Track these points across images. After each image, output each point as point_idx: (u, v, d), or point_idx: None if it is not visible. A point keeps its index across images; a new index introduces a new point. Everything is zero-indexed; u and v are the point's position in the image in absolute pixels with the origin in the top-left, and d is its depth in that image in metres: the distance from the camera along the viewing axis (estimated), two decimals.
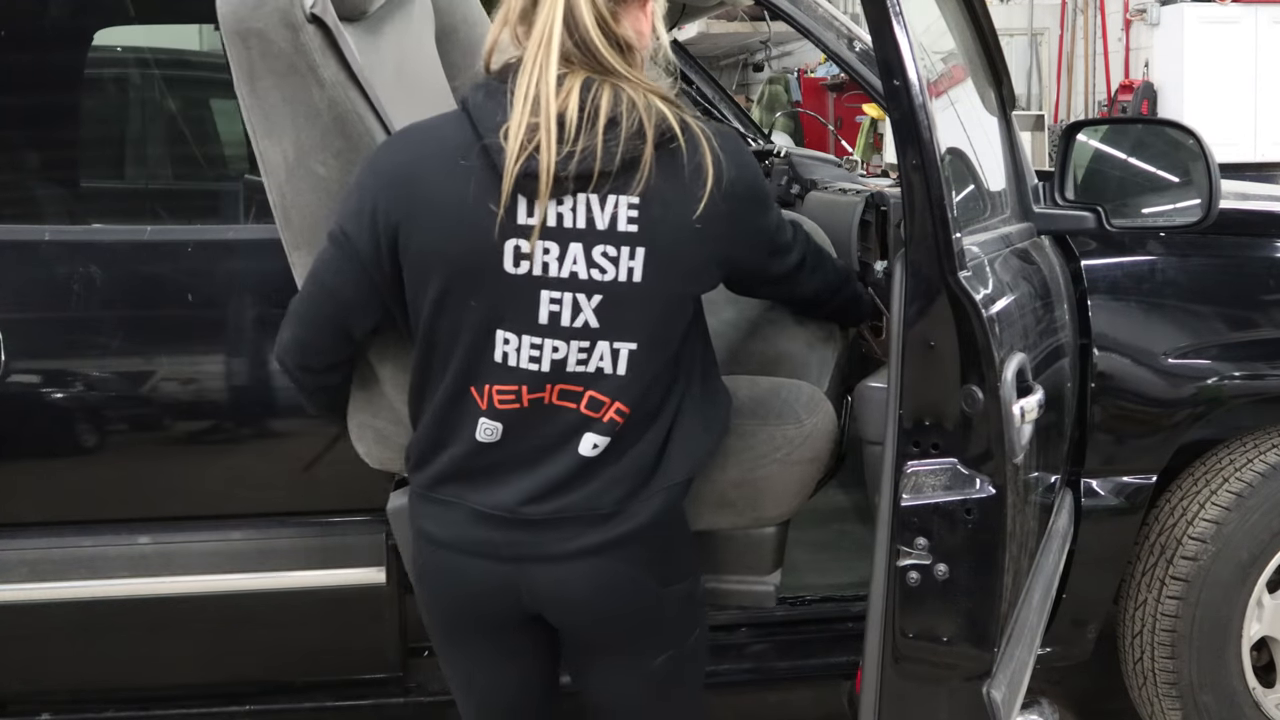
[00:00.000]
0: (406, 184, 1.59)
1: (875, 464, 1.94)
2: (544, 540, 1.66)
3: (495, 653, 1.78)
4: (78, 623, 2.29)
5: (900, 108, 1.73)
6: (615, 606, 1.71)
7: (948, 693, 1.90)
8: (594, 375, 1.62)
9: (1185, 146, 2.42)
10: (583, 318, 1.59)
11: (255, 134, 1.80)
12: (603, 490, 1.66)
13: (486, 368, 1.62)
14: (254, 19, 1.73)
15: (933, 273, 1.75)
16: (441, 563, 1.72)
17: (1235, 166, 7.93)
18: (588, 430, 1.64)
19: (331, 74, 1.76)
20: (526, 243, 1.55)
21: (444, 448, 1.68)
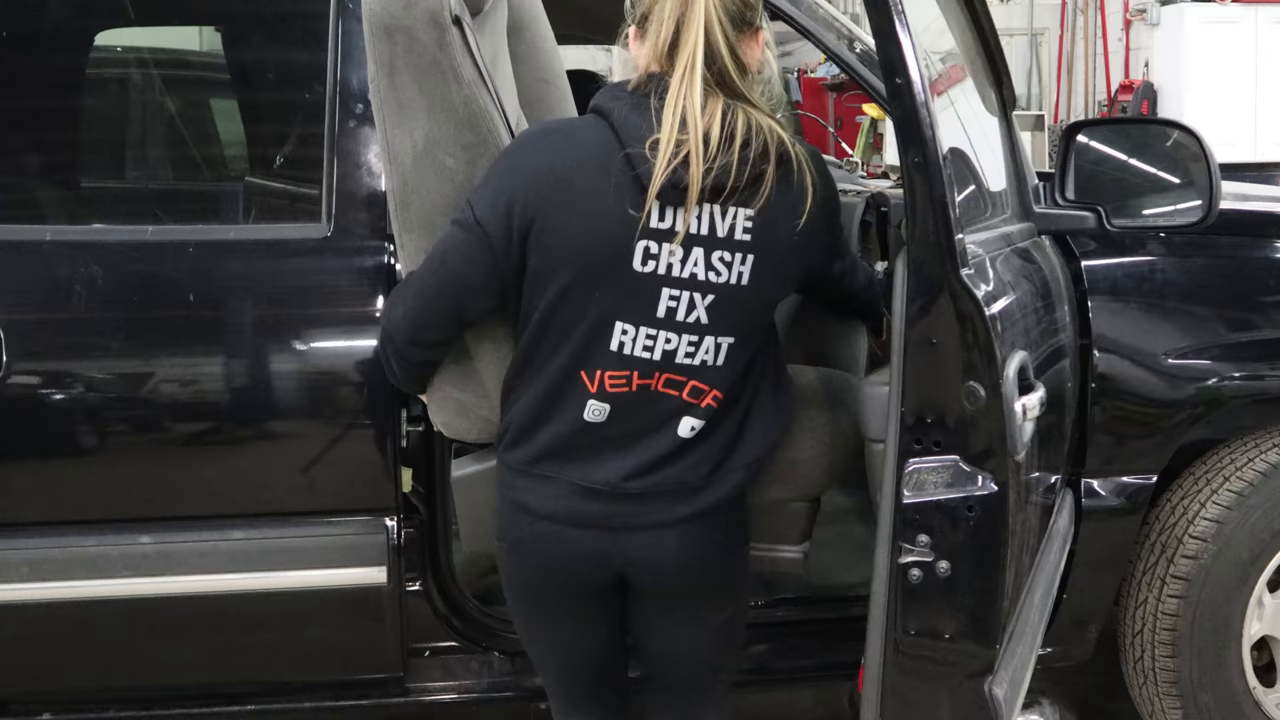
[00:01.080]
0: (549, 181, 1.73)
1: (877, 461, 1.95)
2: (641, 511, 1.84)
3: (580, 615, 1.95)
4: (79, 622, 2.29)
5: (903, 106, 1.74)
6: (698, 567, 1.90)
7: (949, 690, 1.90)
8: (699, 367, 1.79)
9: (1186, 147, 2.43)
10: (696, 314, 1.76)
11: (385, 123, 1.91)
12: (692, 466, 1.84)
13: (601, 354, 1.77)
14: (404, 17, 1.85)
15: (935, 270, 1.75)
16: (541, 533, 1.86)
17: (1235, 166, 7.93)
18: (687, 415, 1.82)
19: (469, 73, 1.89)
20: (656, 244, 1.72)
21: (546, 425, 1.83)
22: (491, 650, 2.51)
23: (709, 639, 2.00)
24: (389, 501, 2.30)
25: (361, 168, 2.32)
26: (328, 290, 2.33)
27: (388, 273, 2.29)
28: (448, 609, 2.46)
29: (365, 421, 2.28)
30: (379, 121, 1.94)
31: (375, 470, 2.28)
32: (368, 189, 2.31)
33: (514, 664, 2.53)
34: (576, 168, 1.73)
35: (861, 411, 2.04)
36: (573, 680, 2.04)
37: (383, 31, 1.87)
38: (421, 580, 2.42)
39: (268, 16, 2.53)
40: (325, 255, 2.32)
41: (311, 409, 2.31)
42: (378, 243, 2.30)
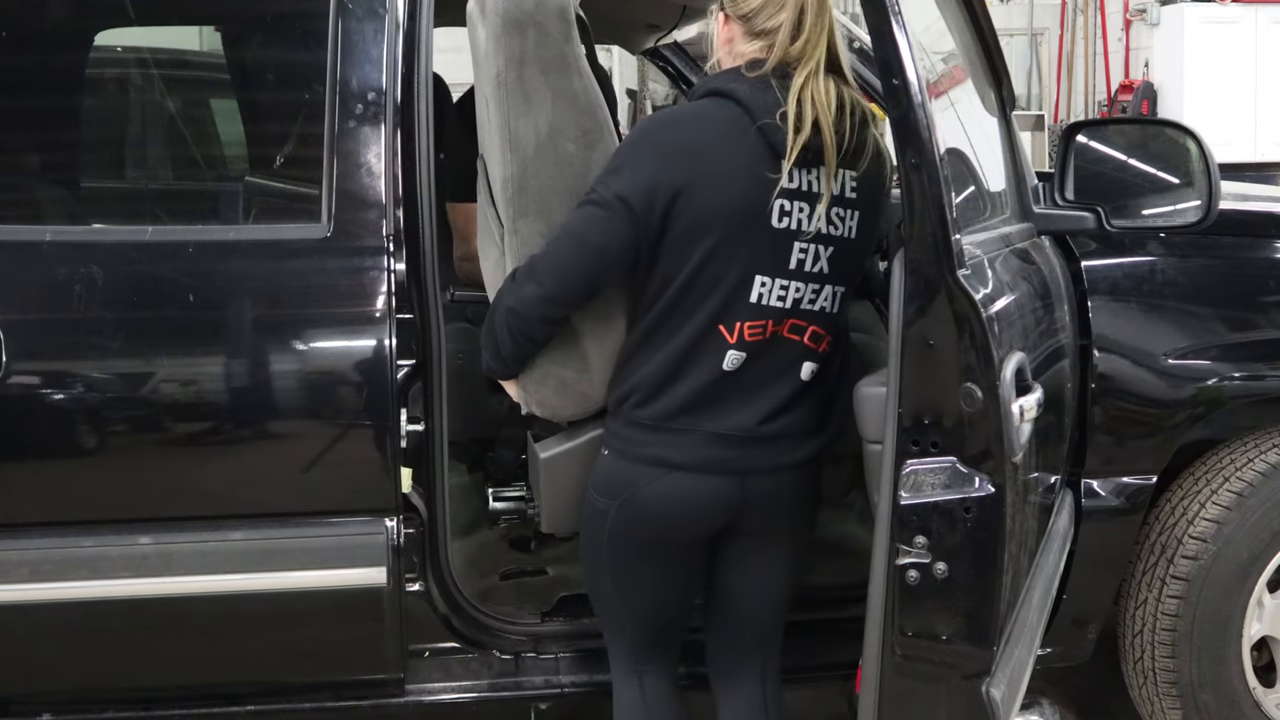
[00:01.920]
0: (689, 155, 1.94)
1: (874, 463, 1.95)
2: (769, 454, 2.03)
3: (678, 564, 2.12)
4: (79, 623, 2.29)
5: (899, 107, 1.74)
6: (804, 505, 2.14)
7: (947, 691, 1.90)
8: (818, 313, 2.01)
9: (1185, 147, 2.43)
10: (820, 265, 1.99)
11: (509, 113, 2.05)
12: (811, 410, 2.06)
13: (741, 307, 1.97)
14: (537, 13, 2.03)
15: (932, 272, 1.75)
16: (674, 484, 2.02)
17: (1235, 166, 7.94)
18: (808, 359, 2.03)
19: (585, 66, 2.08)
20: (789, 202, 1.94)
21: (683, 380, 1.99)
22: (491, 650, 2.52)
23: (787, 578, 2.19)
24: (389, 502, 2.29)
25: (361, 168, 2.32)
26: (327, 290, 2.33)
27: (388, 273, 2.29)
28: (448, 609, 2.46)
29: (365, 422, 2.28)
30: (501, 112, 2.06)
31: (375, 471, 2.28)
32: (368, 189, 2.31)
33: (514, 664, 2.53)
34: (712, 142, 1.94)
35: (859, 412, 2.04)
36: (648, 631, 2.19)
37: (514, 26, 2.03)
38: (421, 581, 2.42)
39: (268, 16, 2.53)
40: (325, 255, 2.31)
41: (311, 410, 2.31)
42: (377, 243, 2.30)
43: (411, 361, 2.32)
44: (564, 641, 2.55)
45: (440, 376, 2.35)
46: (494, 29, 2.05)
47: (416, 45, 2.37)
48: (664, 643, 2.22)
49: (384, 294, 2.28)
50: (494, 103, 2.08)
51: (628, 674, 2.22)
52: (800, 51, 1.93)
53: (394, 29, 2.35)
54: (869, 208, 2.02)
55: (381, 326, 2.27)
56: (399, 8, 2.36)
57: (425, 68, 2.38)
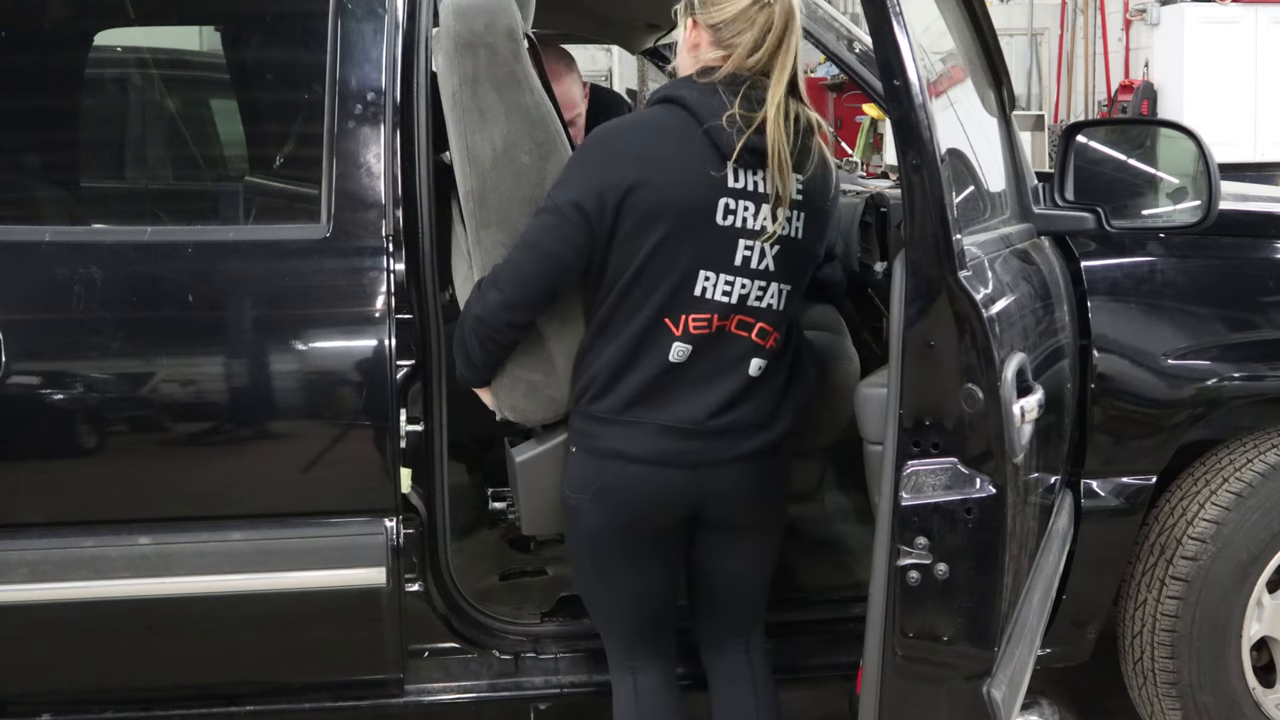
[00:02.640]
0: (638, 157, 2.01)
1: (875, 464, 1.95)
2: (719, 448, 2.08)
3: (653, 556, 2.18)
4: (78, 623, 2.29)
5: (900, 108, 1.74)
6: (766, 497, 2.18)
7: (948, 692, 1.90)
8: (765, 310, 2.07)
9: (1185, 147, 2.42)
10: (765, 262, 2.05)
11: (466, 130, 2.14)
12: (759, 405, 2.10)
13: (686, 300, 2.03)
14: (486, 35, 2.11)
15: (933, 273, 1.75)
16: (632, 476, 2.08)
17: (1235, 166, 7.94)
18: (755, 355, 2.08)
19: (536, 82, 2.17)
20: (734, 201, 2.01)
21: (632, 372, 2.06)
22: (491, 650, 2.51)
23: (763, 565, 2.26)
24: (388, 502, 2.29)
25: (361, 168, 2.32)
26: (327, 291, 2.33)
27: (387, 273, 2.29)
28: (447, 609, 2.46)
29: (364, 422, 2.28)
30: (459, 129, 2.15)
31: (374, 471, 2.28)
32: (367, 189, 2.31)
33: (514, 664, 2.53)
34: (660, 143, 2.02)
35: (859, 414, 2.04)
36: (638, 623, 2.24)
37: (466, 48, 2.11)
38: (421, 581, 2.42)
39: (267, 17, 2.53)
40: (324, 256, 2.31)
41: (311, 410, 2.30)
42: (377, 243, 2.30)
43: (411, 362, 2.32)
44: (564, 641, 2.55)
45: (440, 377, 2.35)
46: (447, 50, 2.13)
47: (416, 45, 2.37)
48: (654, 637, 2.26)
49: (383, 294, 2.28)
50: (452, 121, 2.16)
51: (623, 671, 2.27)
52: (755, 65, 2.00)
53: (393, 29, 2.35)
54: (815, 212, 2.08)
55: (381, 327, 2.27)
56: (398, 8, 2.37)
57: (425, 68, 2.38)
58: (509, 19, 2.13)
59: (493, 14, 2.12)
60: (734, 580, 2.26)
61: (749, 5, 2.00)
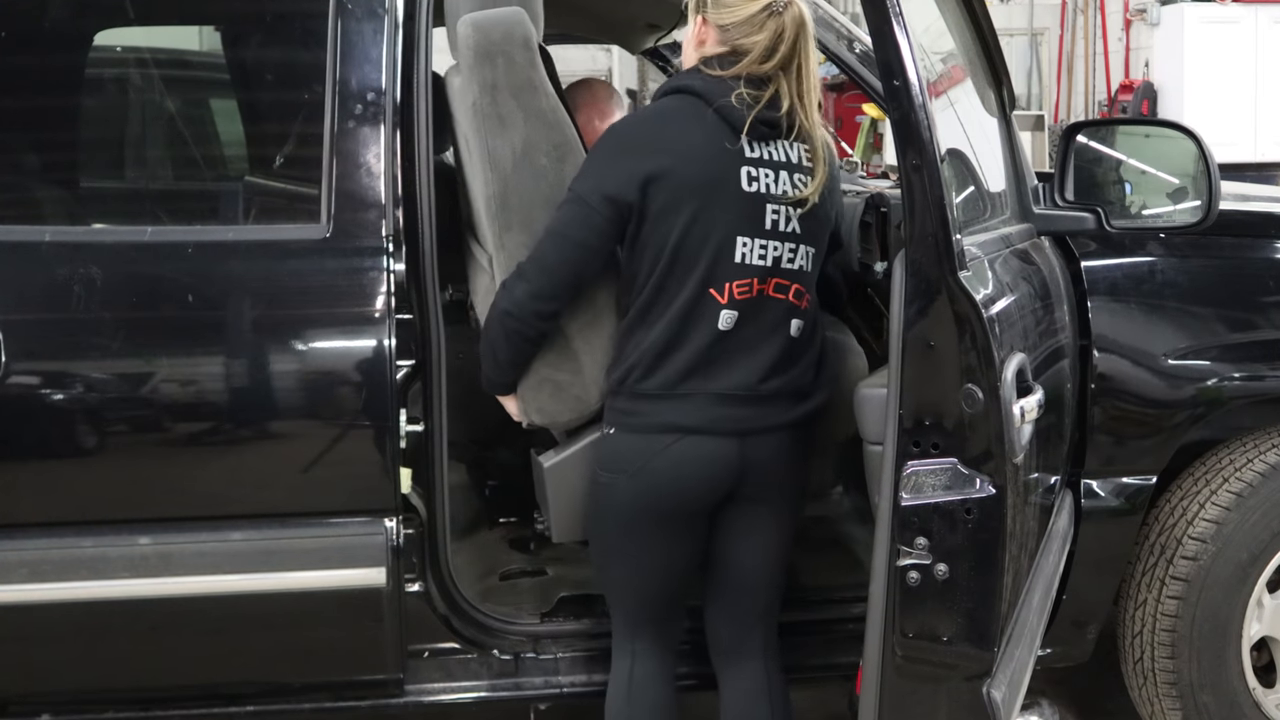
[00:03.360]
0: (655, 143, 2.11)
1: (875, 464, 1.95)
2: (769, 413, 2.14)
3: (683, 533, 2.20)
4: (78, 623, 2.29)
5: (900, 108, 1.74)
6: (796, 468, 2.23)
7: (948, 693, 1.90)
8: (797, 271, 2.15)
9: (1185, 148, 2.42)
10: (792, 225, 2.13)
11: (487, 135, 2.24)
12: (804, 370, 2.18)
13: (727, 268, 2.10)
14: (504, 44, 2.22)
15: (933, 273, 1.75)
16: (682, 449, 2.12)
17: (1235, 166, 7.93)
18: (795, 316, 2.15)
19: (550, 88, 2.27)
20: (754, 169, 2.09)
21: (684, 345, 2.11)
22: (491, 651, 2.51)
23: (780, 547, 2.27)
24: (388, 502, 2.29)
25: (361, 168, 2.31)
26: (327, 291, 2.33)
27: (387, 273, 2.29)
28: (447, 610, 2.46)
29: (364, 422, 2.28)
30: (479, 135, 2.24)
31: (374, 471, 2.28)
32: (367, 189, 2.31)
33: (514, 664, 2.53)
34: (676, 128, 2.11)
35: (859, 414, 2.04)
36: (652, 603, 2.26)
37: (485, 57, 2.22)
38: (421, 581, 2.42)
39: (267, 16, 2.53)
40: (324, 256, 2.31)
41: (311, 410, 2.30)
42: (377, 243, 2.30)
43: (411, 362, 2.32)
44: (563, 642, 2.54)
45: (440, 377, 2.35)
46: (467, 61, 2.24)
47: (416, 45, 2.38)
48: (659, 621, 2.28)
49: (383, 294, 2.28)
50: (472, 128, 2.27)
51: (623, 652, 2.29)
52: (766, 72, 2.08)
53: (393, 29, 2.35)
54: (825, 177, 2.16)
55: (381, 327, 2.27)
56: (398, 8, 2.36)
57: (425, 68, 2.38)
58: (524, 29, 2.24)
59: (509, 25, 2.23)
60: (750, 564, 2.26)
61: (758, 11, 2.06)
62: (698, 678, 2.44)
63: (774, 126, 2.10)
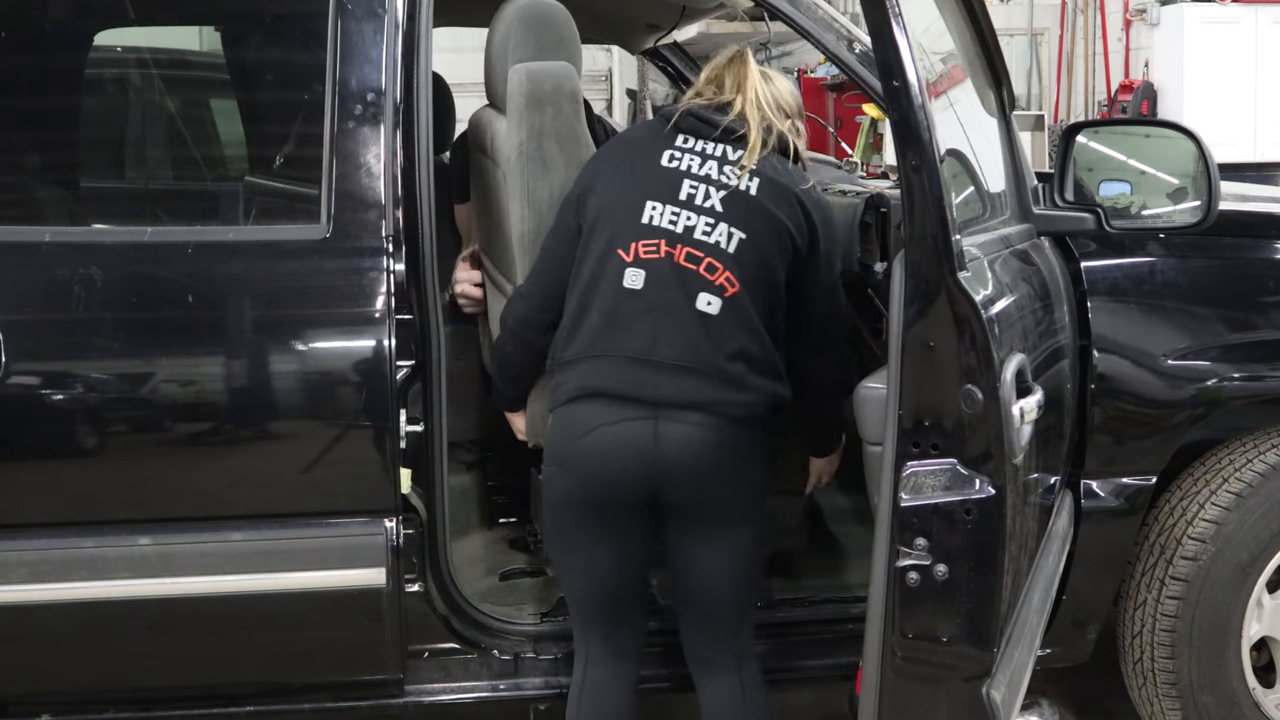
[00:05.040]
0: (605, 153, 2.37)
1: (875, 464, 1.95)
2: (679, 385, 2.12)
3: (605, 535, 2.20)
4: (78, 624, 2.29)
5: (900, 109, 1.74)
6: (727, 479, 2.17)
7: (947, 693, 1.90)
8: (713, 246, 2.17)
9: (1185, 148, 2.42)
10: (711, 202, 2.19)
11: (529, 177, 2.41)
12: (714, 350, 2.13)
13: (633, 228, 2.19)
14: (554, 95, 2.41)
15: (932, 274, 1.75)
16: (601, 435, 2.13)
17: (1235, 166, 7.92)
18: (703, 290, 2.15)
19: (589, 139, 2.47)
20: (679, 152, 2.24)
21: (593, 306, 2.19)
22: (491, 651, 2.51)
23: (737, 570, 2.22)
24: (388, 503, 2.29)
25: (361, 168, 2.32)
26: (327, 291, 2.33)
27: (387, 274, 2.29)
28: (447, 610, 2.46)
29: (364, 423, 2.28)
30: (522, 176, 2.41)
31: (374, 471, 2.28)
32: (367, 189, 2.31)
33: (514, 664, 2.53)
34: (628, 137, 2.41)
35: (859, 414, 2.04)
36: (591, 607, 2.27)
37: (535, 104, 2.40)
38: (421, 581, 2.42)
39: (267, 17, 2.53)
40: (324, 256, 2.31)
41: (311, 411, 2.31)
42: (377, 244, 2.30)
43: (411, 362, 2.32)
44: (563, 642, 2.54)
45: (439, 377, 2.35)
46: (519, 106, 2.40)
47: (416, 45, 2.37)
48: (607, 626, 2.28)
49: (383, 295, 2.28)
50: (515, 169, 2.42)
51: (579, 655, 2.31)
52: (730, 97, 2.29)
53: (394, 29, 2.35)
54: (768, 179, 2.21)
55: (381, 327, 2.27)
56: (399, 8, 2.36)
57: (425, 68, 2.38)
58: (573, 83, 2.43)
59: (559, 78, 2.41)
60: (704, 581, 2.24)
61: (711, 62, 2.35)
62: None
63: (712, 125, 2.24)
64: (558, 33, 2.51)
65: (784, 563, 2.83)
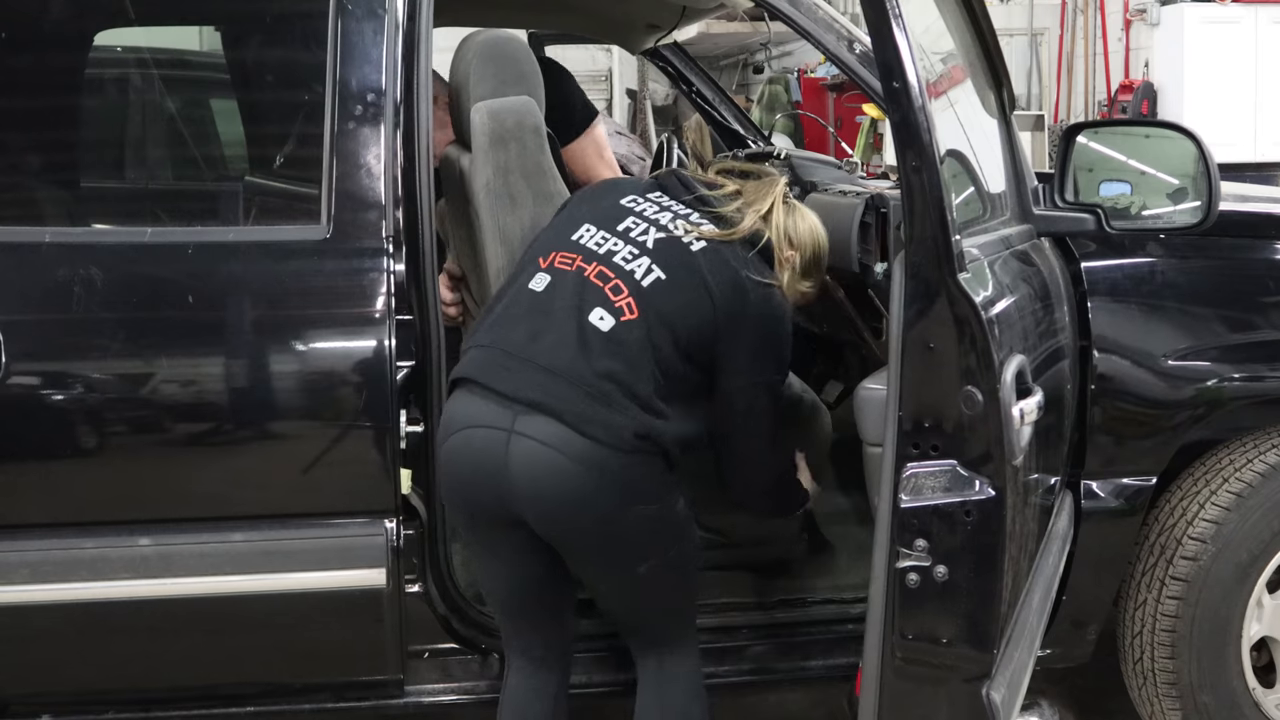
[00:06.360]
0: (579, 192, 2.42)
1: (875, 466, 1.95)
2: (538, 383, 2.05)
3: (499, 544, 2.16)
4: (79, 624, 2.29)
5: (900, 110, 1.74)
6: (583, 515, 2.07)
7: (947, 694, 1.90)
8: (627, 273, 2.14)
9: (1185, 149, 2.42)
10: (645, 239, 2.18)
11: (499, 212, 2.45)
12: (591, 364, 2.05)
13: (561, 242, 2.20)
14: (517, 131, 2.44)
15: (932, 275, 1.75)
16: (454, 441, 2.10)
17: (1235, 167, 7.91)
18: (600, 305, 2.10)
19: (556, 171, 2.50)
20: (642, 198, 2.26)
21: (496, 304, 2.19)
22: (491, 652, 2.51)
23: (631, 594, 2.19)
24: (388, 503, 2.29)
25: (361, 168, 2.32)
26: (327, 292, 2.33)
27: (387, 274, 2.29)
28: (447, 610, 2.46)
29: (364, 423, 2.28)
30: (491, 213, 2.44)
31: (374, 472, 2.28)
32: (367, 190, 2.31)
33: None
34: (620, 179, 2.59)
35: (859, 415, 2.04)
36: (501, 613, 2.28)
37: (500, 141, 2.43)
38: (421, 582, 2.42)
39: (267, 17, 2.53)
40: (324, 257, 2.31)
41: (311, 411, 2.30)
42: (377, 244, 2.30)
43: (411, 363, 2.32)
44: None
45: (440, 378, 2.35)
46: (481, 145, 2.43)
47: (416, 45, 2.37)
48: (519, 633, 2.27)
49: (383, 295, 2.28)
50: (485, 206, 2.45)
51: (506, 660, 2.32)
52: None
53: (394, 29, 2.35)
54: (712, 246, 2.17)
55: (381, 328, 2.27)
56: (399, 8, 2.37)
57: (425, 68, 2.38)
58: (534, 118, 2.46)
59: (520, 114, 2.44)
60: (605, 604, 2.27)
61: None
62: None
63: (690, 189, 2.26)
64: (517, 67, 2.52)
65: (784, 564, 2.84)
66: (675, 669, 2.24)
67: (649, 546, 2.12)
